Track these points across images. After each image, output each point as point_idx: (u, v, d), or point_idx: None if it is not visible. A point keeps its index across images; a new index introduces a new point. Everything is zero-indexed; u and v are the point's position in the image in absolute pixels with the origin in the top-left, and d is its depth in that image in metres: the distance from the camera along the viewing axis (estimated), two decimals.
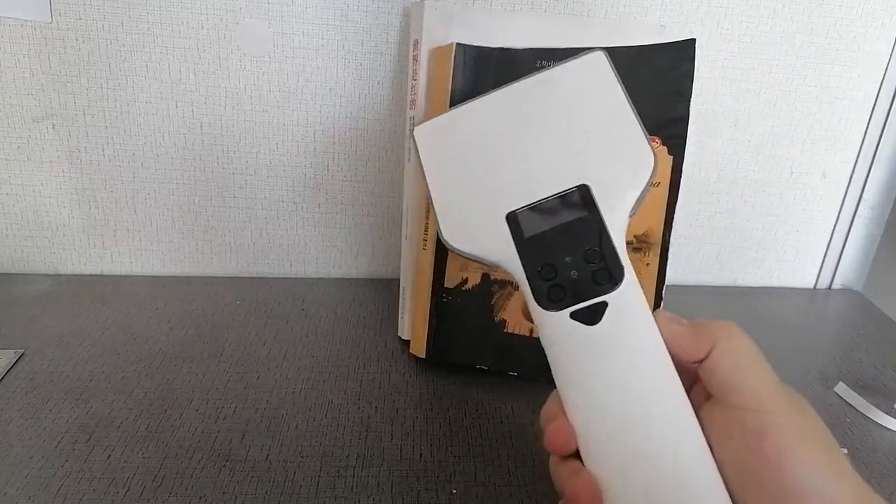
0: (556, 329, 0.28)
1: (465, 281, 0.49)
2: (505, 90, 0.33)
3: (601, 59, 0.32)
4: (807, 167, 0.65)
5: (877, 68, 0.61)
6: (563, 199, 0.30)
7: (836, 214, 0.67)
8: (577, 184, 0.30)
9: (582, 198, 0.29)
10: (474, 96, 0.34)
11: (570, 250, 0.29)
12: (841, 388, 0.51)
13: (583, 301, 0.28)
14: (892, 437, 0.47)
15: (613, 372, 0.27)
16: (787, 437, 0.24)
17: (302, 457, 0.41)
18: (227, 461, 0.40)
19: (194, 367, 0.49)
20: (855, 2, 0.58)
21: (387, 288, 0.63)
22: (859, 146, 0.64)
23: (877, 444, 0.46)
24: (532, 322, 0.30)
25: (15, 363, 0.49)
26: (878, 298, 0.68)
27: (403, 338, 0.54)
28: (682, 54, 0.46)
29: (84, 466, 0.39)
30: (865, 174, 0.65)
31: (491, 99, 0.33)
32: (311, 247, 0.64)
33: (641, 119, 0.31)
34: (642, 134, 0.30)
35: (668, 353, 0.27)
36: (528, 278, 0.29)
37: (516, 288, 0.48)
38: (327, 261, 0.65)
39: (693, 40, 0.45)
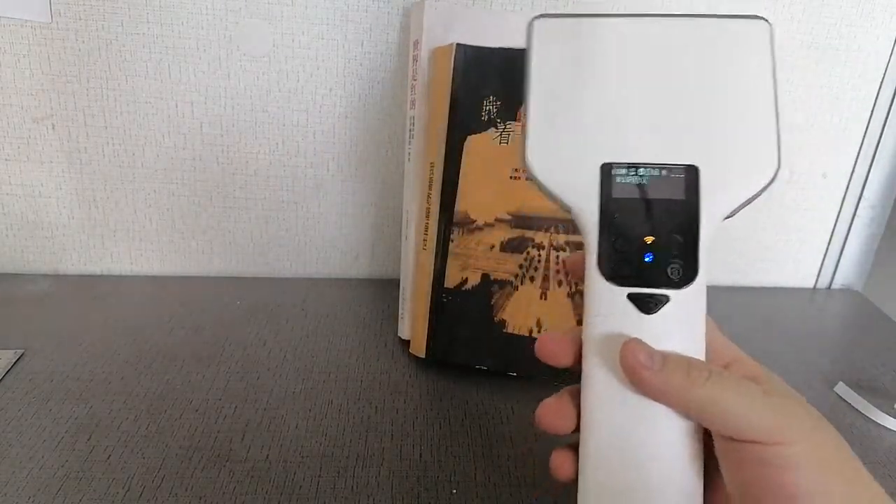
0: (607, 303, 0.26)
1: (465, 281, 0.49)
2: (649, 20, 0.28)
3: (765, 31, 0.27)
4: (807, 167, 0.65)
5: (877, 68, 0.61)
6: (667, 171, 0.26)
7: (836, 214, 0.67)
8: (687, 162, 0.26)
9: (687, 180, 0.26)
10: (610, 13, 0.29)
11: (653, 229, 0.26)
12: (841, 388, 0.51)
13: (646, 287, 0.26)
14: (892, 437, 0.47)
15: None
16: (806, 468, 0.23)
17: (302, 457, 0.41)
18: (227, 461, 0.40)
19: (194, 367, 0.49)
20: (855, 2, 0.58)
21: (387, 288, 0.63)
22: (859, 146, 0.64)
23: (877, 444, 0.46)
24: (576, 278, 0.28)
25: (15, 363, 0.49)
26: (878, 298, 0.68)
27: (403, 338, 0.54)
28: None
29: (84, 466, 0.39)
30: (865, 174, 0.65)
31: (631, 24, 0.28)
32: (311, 247, 0.64)
33: (779, 109, 0.27)
34: (776, 135, 0.27)
35: None
36: (599, 240, 0.27)
37: (515, 288, 0.48)
38: (327, 261, 0.65)
39: None
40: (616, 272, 0.26)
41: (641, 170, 0.26)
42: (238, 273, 0.64)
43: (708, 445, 0.26)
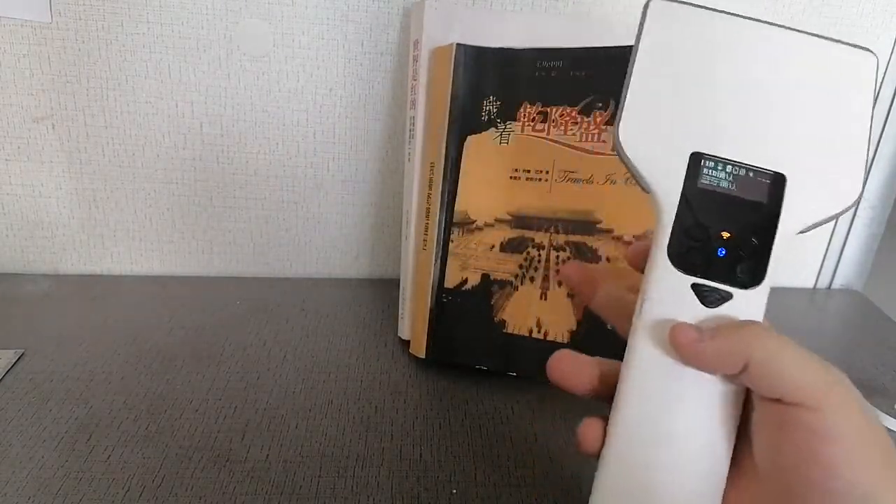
0: (670, 289, 0.27)
1: (465, 281, 0.49)
2: (768, 28, 0.29)
3: (872, 64, 0.29)
4: None
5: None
6: (755, 174, 0.27)
7: None
8: (776, 169, 0.27)
9: (772, 186, 0.27)
10: (725, 10, 0.29)
11: (731, 226, 0.27)
12: None
13: (713, 280, 0.26)
14: (892, 437, 0.47)
15: None
16: (842, 440, 0.23)
17: (302, 457, 0.41)
18: (227, 461, 0.40)
19: (194, 367, 0.49)
20: (855, 2, 0.58)
21: (387, 288, 0.63)
22: None
23: None
24: (636, 267, 0.28)
25: (15, 363, 0.49)
26: (878, 298, 0.68)
27: (403, 338, 0.54)
28: None
29: (84, 466, 0.39)
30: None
31: (745, 26, 0.29)
32: (311, 247, 0.64)
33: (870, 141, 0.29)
34: (864, 161, 0.28)
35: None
36: (674, 225, 0.27)
37: (515, 288, 0.48)
38: (327, 261, 0.65)
39: None
40: (686, 260, 0.26)
41: (730, 167, 0.27)
42: (238, 273, 0.64)
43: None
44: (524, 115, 0.48)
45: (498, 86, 0.48)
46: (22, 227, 0.61)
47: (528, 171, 0.48)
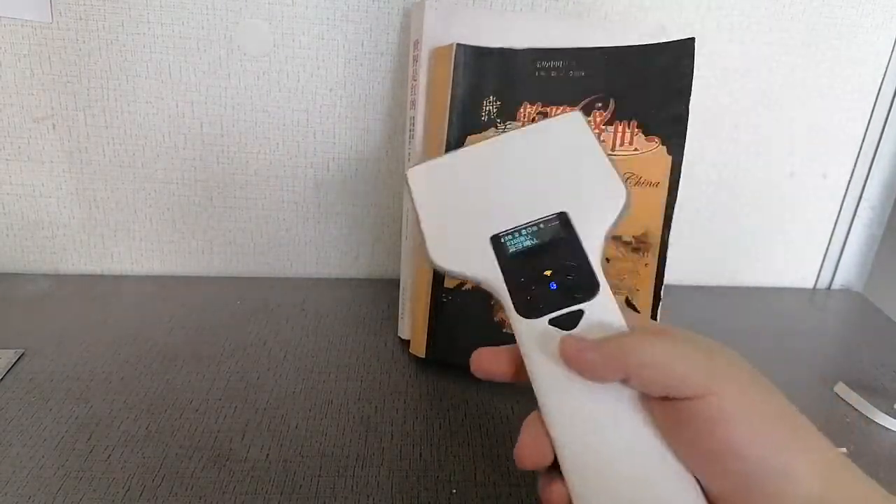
0: (536, 336, 0.30)
1: (465, 281, 0.49)
2: (492, 140, 0.37)
3: (577, 116, 0.36)
4: (807, 167, 0.65)
5: (877, 68, 0.61)
6: (544, 223, 0.33)
7: (836, 214, 0.67)
8: (557, 211, 0.33)
9: (561, 222, 0.32)
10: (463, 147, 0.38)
11: (549, 265, 0.31)
12: (841, 388, 0.51)
13: (561, 309, 0.30)
14: (892, 437, 0.47)
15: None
16: (742, 420, 0.23)
17: (302, 457, 0.41)
18: (227, 461, 0.40)
19: (194, 367, 0.49)
20: (855, 2, 0.58)
21: (387, 288, 0.63)
22: (859, 146, 0.64)
23: (877, 445, 0.46)
24: (494, 373, 0.32)
25: (15, 363, 0.49)
26: (878, 298, 0.68)
27: (403, 338, 0.54)
28: (681, 53, 0.46)
29: (84, 466, 0.39)
30: (865, 174, 0.65)
31: (481, 147, 0.37)
32: (311, 247, 0.64)
33: (611, 158, 0.34)
34: (615, 172, 0.33)
35: None
36: (509, 291, 0.32)
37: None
38: (327, 261, 0.65)
39: (692, 39, 0.45)
40: (533, 308, 0.31)
41: (523, 229, 0.33)
42: (238, 273, 0.64)
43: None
44: (524, 115, 0.48)
45: (498, 86, 0.48)
46: (22, 227, 0.61)
47: None
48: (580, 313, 0.30)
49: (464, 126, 0.48)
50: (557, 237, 0.32)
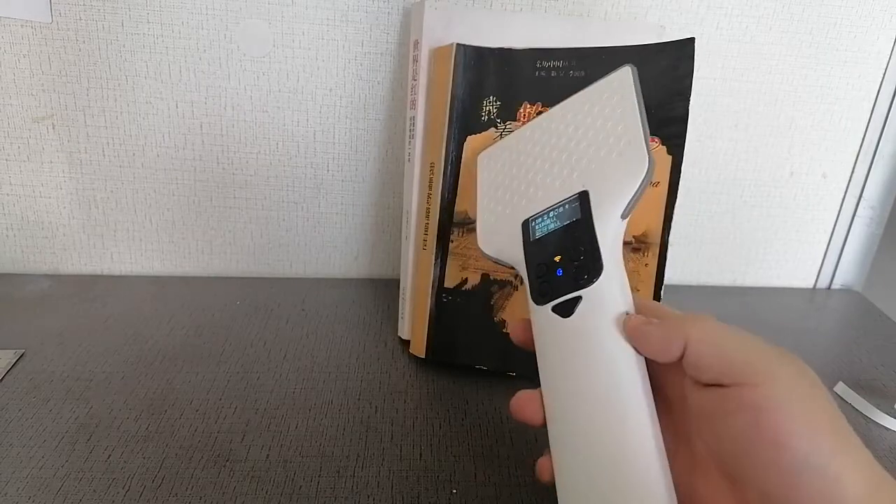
0: (542, 322, 0.31)
1: (465, 281, 0.49)
2: (545, 114, 0.37)
3: (626, 71, 0.34)
4: (807, 167, 0.65)
5: (877, 68, 0.61)
6: (566, 205, 0.32)
7: (836, 214, 0.67)
8: (579, 191, 0.32)
9: (581, 203, 0.32)
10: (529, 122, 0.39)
11: (562, 250, 0.31)
12: (841, 388, 0.51)
13: (562, 295, 0.30)
14: (892, 437, 0.47)
15: (577, 363, 0.29)
16: (786, 412, 0.23)
17: (302, 457, 0.41)
18: (227, 461, 0.40)
19: (194, 367, 0.49)
20: (855, 2, 0.58)
21: (387, 288, 0.63)
22: (859, 146, 0.64)
23: (877, 444, 0.46)
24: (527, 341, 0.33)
25: (15, 363, 0.49)
26: (878, 298, 0.68)
27: (403, 338, 0.54)
28: (681, 54, 0.46)
29: (84, 466, 0.39)
30: (865, 174, 0.65)
31: (535, 122, 0.37)
32: (311, 247, 0.64)
33: (648, 123, 0.32)
34: (641, 136, 0.31)
35: (632, 350, 0.28)
36: (528, 277, 0.32)
37: (515, 288, 0.49)
38: (327, 261, 0.65)
39: (692, 39, 0.45)
40: (542, 293, 0.31)
41: (551, 212, 0.33)
42: (238, 273, 0.64)
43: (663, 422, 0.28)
44: (524, 115, 0.48)
45: (498, 86, 0.48)
46: (22, 227, 0.61)
47: None
48: (578, 300, 0.30)
49: (464, 126, 0.48)
50: (574, 220, 0.32)
